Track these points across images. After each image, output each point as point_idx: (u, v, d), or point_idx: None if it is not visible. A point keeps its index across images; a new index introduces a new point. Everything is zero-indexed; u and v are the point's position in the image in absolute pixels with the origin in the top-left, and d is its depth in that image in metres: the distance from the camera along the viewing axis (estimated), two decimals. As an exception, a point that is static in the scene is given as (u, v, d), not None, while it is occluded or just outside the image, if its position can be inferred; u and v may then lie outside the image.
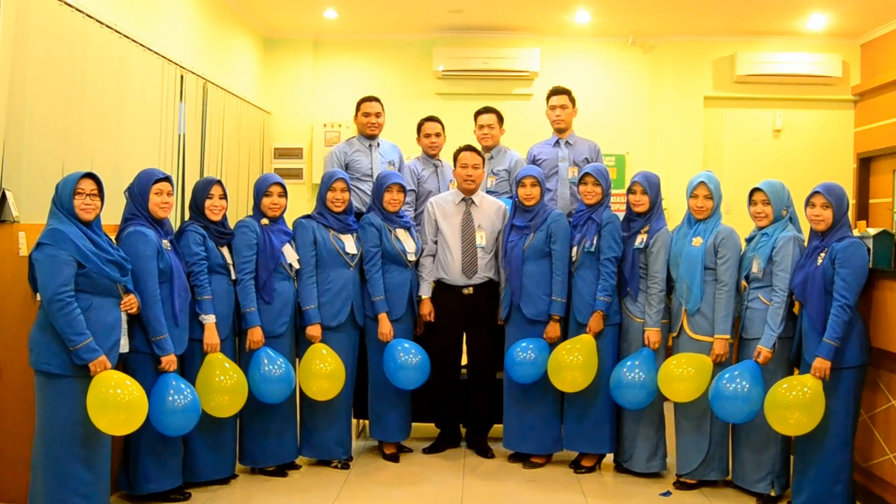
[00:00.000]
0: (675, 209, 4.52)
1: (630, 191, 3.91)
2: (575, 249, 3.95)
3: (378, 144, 4.64)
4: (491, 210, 4.24)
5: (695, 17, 6.46)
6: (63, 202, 3.01)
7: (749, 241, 3.67)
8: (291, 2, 6.22)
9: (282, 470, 3.92)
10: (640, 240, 3.83)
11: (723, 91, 7.06)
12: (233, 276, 3.72)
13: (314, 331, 3.88)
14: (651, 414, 3.88)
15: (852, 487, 3.41)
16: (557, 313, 3.96)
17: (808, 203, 3.43)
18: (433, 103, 6.81)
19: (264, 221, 3.82)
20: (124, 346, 3.18)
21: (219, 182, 3.72)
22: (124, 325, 3.17)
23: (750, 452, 3.64)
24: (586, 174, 3.96)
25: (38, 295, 3.05)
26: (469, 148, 4.22)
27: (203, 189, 3.68)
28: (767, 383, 3.46)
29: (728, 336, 3.61)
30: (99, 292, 3.03)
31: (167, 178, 3.42)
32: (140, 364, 3.31)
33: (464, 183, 4.19)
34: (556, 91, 4.56)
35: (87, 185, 3.05)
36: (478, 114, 4.66)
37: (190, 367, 3.55)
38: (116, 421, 3.00)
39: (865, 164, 6.94)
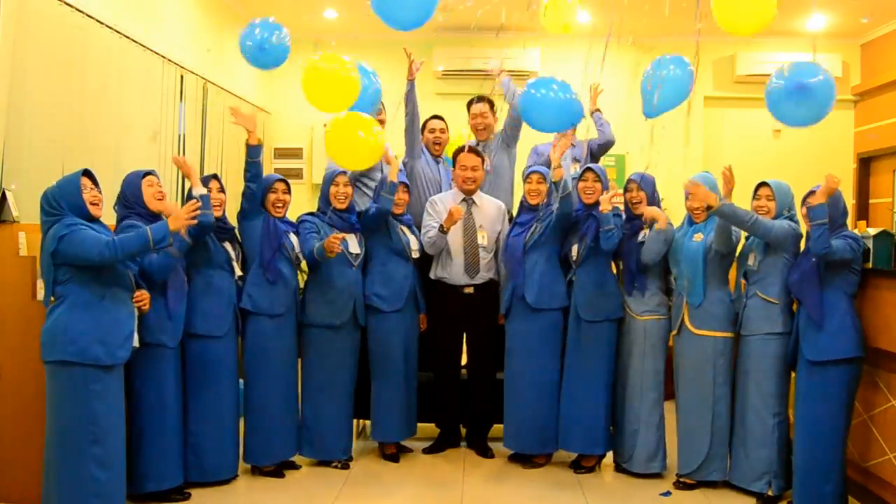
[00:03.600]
0: (675, 209, 4.52)
1: (626, 189, 3.93)
2: (576, 247, 3.95)
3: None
4: (492, 210, 4.24)
5: (695, 17, 6.45)
6: (69, 202, 2.97)
7: (748, 237, 3.68)
8: (291, 2, 6.21)
9: (281, 470, 3.93)
10: (644, 233, 3.85)
11: (723, 91, 7.06)
12: (237, 273, 3.73)
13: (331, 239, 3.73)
14: (651, 414, 3.88)
15: (845, 486, 3.40)
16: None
17: (804, 203, 3.46)
18: (433, 103, 6.80)
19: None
20: (135, 341, 3.15)
21: (215, 176, 3.72)
22: (135, 320, 3.16)
23: (747, 452, 3.64)
24: (588, 170, 3.97)
25: (38, 294, 3.05)
26: (469, 149, 4.22)
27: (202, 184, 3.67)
28: (767, 385, 3.49)
29: (717, 202, 3.49)
30: (112, 283, 3.01)
31: (151, 172, 3.42)
32: (147, 357, 3.30)
33: (463, 184, 4.18)
34: None
35: (87, 182, 3.05)
36: (469, 104, 4.66)
37: (188, 363, 3.56)
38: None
39: (865, 164, 6.94)
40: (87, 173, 3.07)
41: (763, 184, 3.64)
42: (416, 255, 4.14)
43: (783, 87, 3.27)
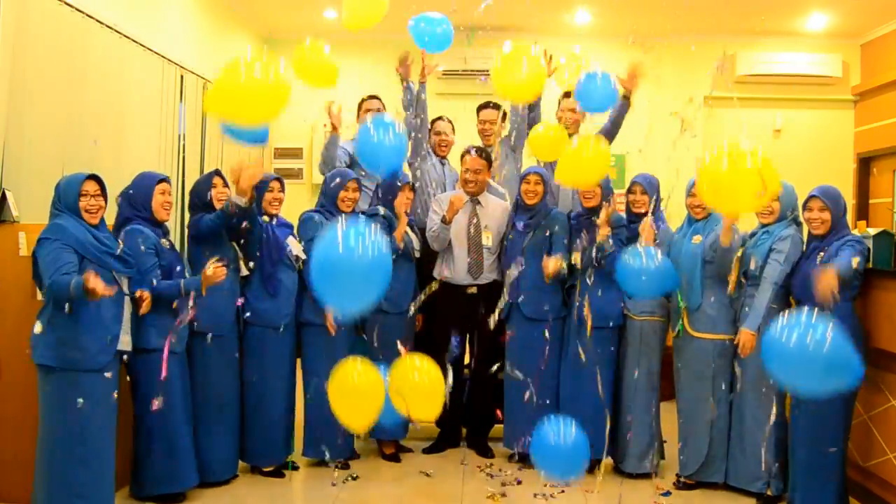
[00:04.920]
0: (675, 209, 4.52)
1: (629, 191, 3.92)
2: (578, 255, 3.94)
3: None
4: (497, 211, 4.24)
5: (695, 17, 6.46)
6: (66, 203, 2.99)
7: (751, 237, 3.68)
8: (291, 2, 6.21)
9: (281, 470, 3.92)
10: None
11: (723, 91, 7.05)
12: (243, 272, 3.73)
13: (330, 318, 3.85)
14: (644, 414, 3.88)
15: (845, 487, 3.40)
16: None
17: (805, 207, 3.45)
18: (433, 103, 6.73)
19: (265, 218, 3.83)
20: (126, 344, 3.14)
21: (218, 172, 3.72)
22: (126, 323, 3.15)
23: (745, 452, 3.64)
24: None
25: (39, 293, 3.04)
26: (475, 150, 4.21)
27: (205, 182, 3.68)
28: (765, 386, 3.49)
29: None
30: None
31: (167, 179, 3.44)
32: (146, 364, 3.30)
33: (466, 185, 4.18)
34: (571, 94, 4.46)
35: (91, 187, 3.04)
36: (480, 109, 4.64)
37: (192, 362, 3.56)
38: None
39: (865, 164, 6.93)
40: (95, 178, 3.06)
41: None
42: (418, 254, 4.15)
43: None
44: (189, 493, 3.56)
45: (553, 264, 3.79)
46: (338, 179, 4.01)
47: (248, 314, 3.76)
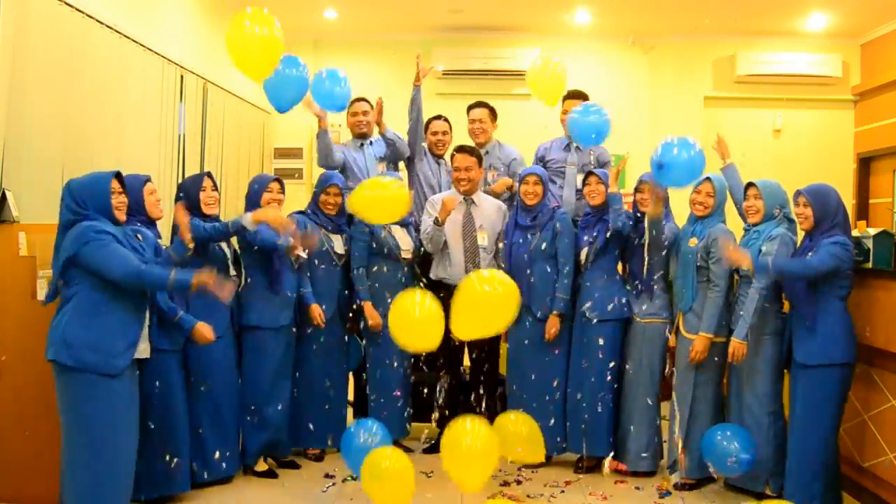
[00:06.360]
0: (676, 209, 4.53)
1: (637, 189, 3.93)
2: (585, 251, 3.95)
3: (371, 143, 4.62)
4: (491, 210, 4.24)
5: (695, 17, 6.46)
6: (97, 204, 2.91)
7: (743, 238, 3.68)
8: (291, 2, 6.21)
9: (273, 470, 3.93)
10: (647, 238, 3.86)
11: (723, 91, 7.05)
12: (232, 272, 3.73)
13: (316, 310, 3.94)
14: (643, 414, 3.89)
15: (836, 485, 3.39)
16: (560, 310, 3.95)
17: (795, 203, 3.47)
18: (433, 103, 6.77)
19: None
20: (144, 352, 3.07)
21: (208, 174, 3.73)
22: (145, 330, 3.07)
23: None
24: (590, 174, 3.99)
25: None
26: (463, 149, 4.21)
27: (194, 183, 3.68)
28: (761, 384, 3.50)
29: (711, 335, 3.61)
30: (119, 290, 2.91)
31: (149, 178, 3.42)
32: (162, 364, 3.31)
33: (458, 185, 4.18)
34: (575, 95, 4.44)
35: (115, 185, 2.99)
36: (470, 108, 4.66)
37: (189, 364, 3.56)
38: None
39: (865, 164, 6.93)
40: (117, 176, 3.01)
41: (750, 184, 3.65)
42: (406, 255, 4.14)
43: None
44: (186, 493, 3.55)
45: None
46: (319, 182, 4.09)
47: (249, 316, 3.77)
